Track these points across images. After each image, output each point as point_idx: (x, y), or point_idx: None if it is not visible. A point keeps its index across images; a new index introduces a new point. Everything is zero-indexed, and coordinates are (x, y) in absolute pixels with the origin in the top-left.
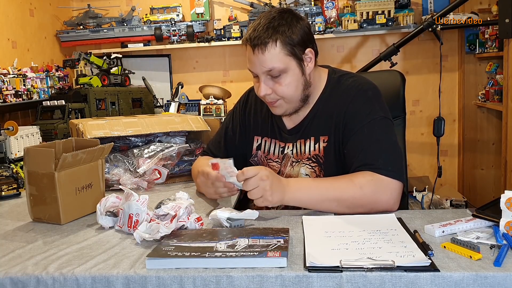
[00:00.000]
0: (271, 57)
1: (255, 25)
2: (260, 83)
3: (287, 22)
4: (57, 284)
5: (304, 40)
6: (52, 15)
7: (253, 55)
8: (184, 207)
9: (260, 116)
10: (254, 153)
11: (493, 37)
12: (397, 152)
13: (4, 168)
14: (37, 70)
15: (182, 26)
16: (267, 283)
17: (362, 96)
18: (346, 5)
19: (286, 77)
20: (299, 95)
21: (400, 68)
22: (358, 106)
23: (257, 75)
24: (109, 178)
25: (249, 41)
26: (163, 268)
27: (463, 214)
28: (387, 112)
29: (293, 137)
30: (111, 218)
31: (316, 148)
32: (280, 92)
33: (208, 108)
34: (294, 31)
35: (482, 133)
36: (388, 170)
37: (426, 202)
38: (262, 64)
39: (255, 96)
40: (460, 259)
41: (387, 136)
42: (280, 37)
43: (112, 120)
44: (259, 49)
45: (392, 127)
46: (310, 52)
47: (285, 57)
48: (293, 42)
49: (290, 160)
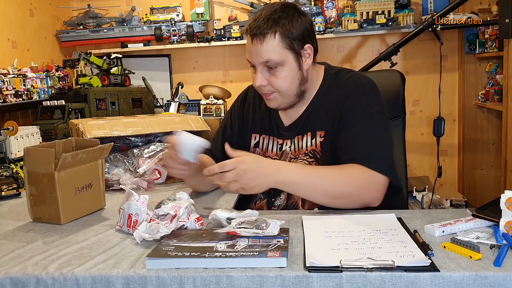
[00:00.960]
0: (268, 49)
1: (257, 16)
2: (257, 73)
3: (288, 16)
4: (57, 284)
5: (304, 36)
6: (52, 15)
7: (251, 45)
8: (184, 207)
9: (258, 113)
10: (252, 150)
11: (493, 37)
12: (390, 148)
13: (4, 168)
14: (37, 70)
15: (182, 26)
16: (267, 283)
17: (359, 90)
18: (346, 5)
19: (282, 70)
20: (295, 90)
21: (400, 68)
22: (354, 100)
23: (254, 65)
24: (109, 178)
25: (248, 31)
26: (163, 268)
27: (463, 214)
28: (383, 108)
29: (290, 133)
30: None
31: (313, 143)
32: (275, 84)
33: (208, 108)
34: (294, 25)
35: (482, 133)
36: (379, 165)
37: (426, 202)
38: (260, 54)
39: (253, 94)
40: (460, 259)
41: (381, 131)
42: (280, 30)
43: (112, 120)
44: (257, 39)
45: (387, 123)
46: (309, 48)
47: (283, 50)
48: (292, 35)
49: (288, 156)
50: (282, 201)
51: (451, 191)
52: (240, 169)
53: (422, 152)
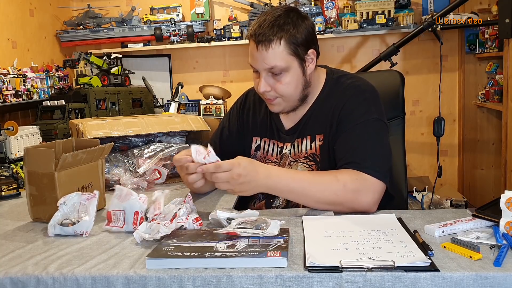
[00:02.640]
0: (274, 55)
1: (261, 21)
2: (261, 79)
3: (293, 21)
4: (57, 284)
5: (308, 41)
6: (52, 15)
7: (256, 51)
8: (183, 207)
9: (258, 117)
10: (253, 153)
11: (493, 37)
12: (387, 154)
13: (4, 168)
14: (37, 70)
15: (182, 26)
16: (267, 283)
17: (359, 96)
18: (346, 5)
19: (287, 76)
20: (298, 95)
21: (400, 68)
22: (353, 105)
23: (258, 71)
24: (109, 178)
25: (253, 37)
26: (163, 268)
27: (463, 214)
28: (382, 115)
29: (290, 137)
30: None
31: (313, 147)
32: (279, 90)
33: (208, 108)
34: (299, 31)
35: (482, 133)
36: (375, 171)
37: (426, 202)
38: (265, 61)
39: (254, 97)
40: (460, 259)
41: (379, 137)
42: (285, 36)
43: (112, 120)
44: (263, 46)
45: (385, 130)
46: (313, 53)
47: (288, 56)
48: (297, 41)
49: (288, 159)
50: (280, 202)
51: (451, 191)
52: (235, 172)
53: (422, 152)
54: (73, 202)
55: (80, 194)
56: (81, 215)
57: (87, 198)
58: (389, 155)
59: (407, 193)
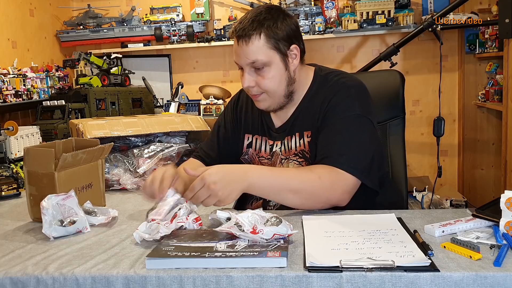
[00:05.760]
0: (254, 49)
1: (242, 18)
2: (244, 74)
3: (273, 17)
4: (57, 284)
5: (290, 36)
6: (52, 15)
7: (238, 47)
8: (183, 207)
9: (251, 114)
10: (245, 151)
11: (493, 37)
12: (365, 151)
13: (4, 168)
14: (37, 70)
15: (182, 26)
16: (267, 283)
17: (344, 92)
18: (346, 5)
19: (269, 70)
20: (283, 90)
21: (400, 68)
22: (337, 101)
23: (242, 67)
24: (109, 178)
25: (234, 33)
26: (163, 268)
27: (463, 214)
28: (367, 112)
29: (280, 135)
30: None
31: (302, 144)
32: (263, 85)
33: (208, 108)
34: (279, 26)
35: (482, 133)
36: (349, 166)
37: (426, 202)
38: (246, 55)
39: (246, 96)
40: (460, 259)
41: (358, 134)
42: (265, 31)
43: (112, 120)
44: (243, 41)
45: (368, 126)
46: (296, 49)
47: (269, 50)
48: (277, 36)
49: (279, 157)
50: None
51: (451, 191)
52: (209, 183)
53: (422, 152)
54: (53, 204)
55: (54, 196)
56: (70, 214)
57: (63, 199)
58: (369, 151)
59: (407, 193)
